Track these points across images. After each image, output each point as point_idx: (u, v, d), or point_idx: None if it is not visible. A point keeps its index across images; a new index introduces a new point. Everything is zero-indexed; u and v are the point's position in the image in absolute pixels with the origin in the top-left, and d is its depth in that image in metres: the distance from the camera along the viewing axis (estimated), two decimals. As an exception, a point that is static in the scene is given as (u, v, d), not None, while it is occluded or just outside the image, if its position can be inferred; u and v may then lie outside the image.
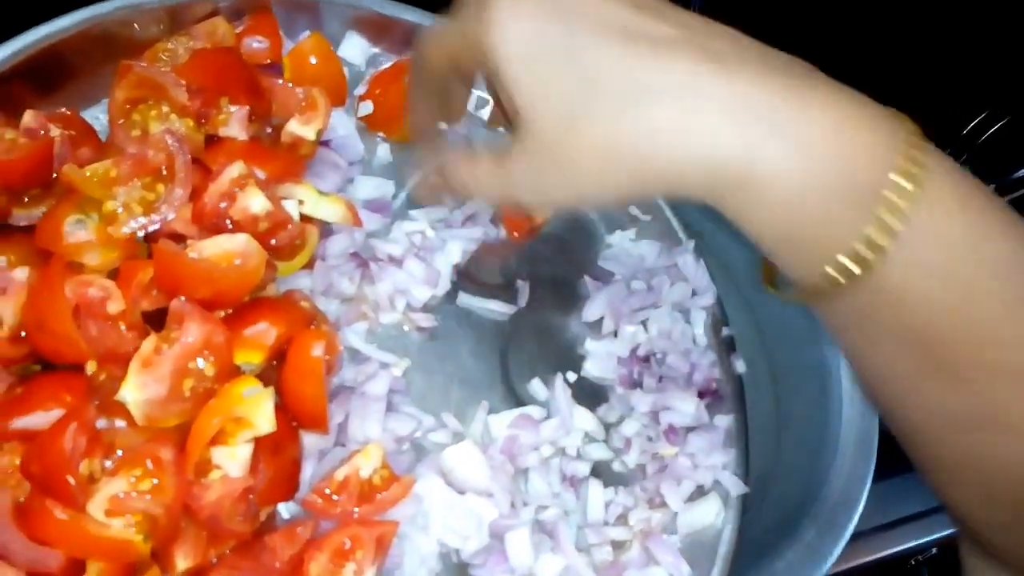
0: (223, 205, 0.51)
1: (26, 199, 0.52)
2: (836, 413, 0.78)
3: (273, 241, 0.52)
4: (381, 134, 0.65)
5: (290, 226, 0.53)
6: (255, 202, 0.51)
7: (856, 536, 0.73)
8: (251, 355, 0.50)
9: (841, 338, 0.41)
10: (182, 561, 0.45)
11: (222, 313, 0.50)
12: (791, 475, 0.79)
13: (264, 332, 0.50)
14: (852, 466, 0.75)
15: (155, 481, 0.45)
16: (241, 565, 0.47)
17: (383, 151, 0.64)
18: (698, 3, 1.08)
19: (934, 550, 0.93)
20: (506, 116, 0.43)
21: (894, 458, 0.73)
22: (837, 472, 0.75)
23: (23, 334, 0.47)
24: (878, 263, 0.36)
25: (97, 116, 0.58)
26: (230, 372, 0.48)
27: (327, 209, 0.56)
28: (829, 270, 0.37)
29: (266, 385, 0.48)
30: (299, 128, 0.57)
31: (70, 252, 0.48)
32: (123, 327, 0.47)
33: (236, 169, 0.51)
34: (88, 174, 0.49)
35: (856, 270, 0.36)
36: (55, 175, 0.52)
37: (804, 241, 0.37)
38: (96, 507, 0.43)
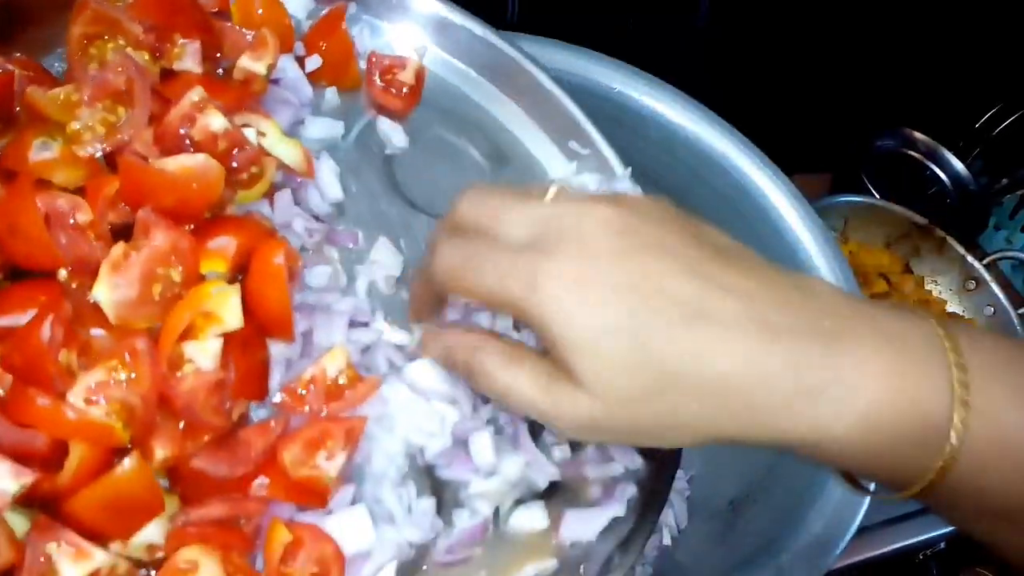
0: (183, 130, 0.54)
1: (-12, 132, 0.54)
2: None
3: (233, 164, 0.55)
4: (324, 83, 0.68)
5: (247, 147, 0.56)
6: (214, 120, 0.53)
7: (863, 530, 0.74)
8: (215, 264, 0.52)
9: (942, 516, 0.46)
10: (160, 451, 0.47)
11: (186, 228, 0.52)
12: (797, 466, 0.79)
13: (226, 244, 0.53)
14: None
15: (132, 374, 0.47)
16: (217, 455, 0.49)
17: (331, 95, 0.68)
18: (705, 5, 1.13)
19: (942, 544, 0.97)
20: None
21: None
22: None
23: (-4, 245, 0.49)
24: (946, 475, 0.41)
25: (52, 64, 0.60)
26: (196, 279, 0.51)
27: (285, 150, 0.59)
28: (902, 486, 0.42)
29: (232, 297, 0.51)
30: (251, 63, 0.60)
31: (37, 170, 0.50)
32: (92, 237, 0.50)
33: (196, 94, 0.54)
34: (52, 96, 0.51)
35: (921, 481, 0.41)
36: (16, 109, 0.54)
37: (876, 475, 0.43)
38: (76, 396, 0.45)
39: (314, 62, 0.67)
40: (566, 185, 0.48)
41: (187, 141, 0.53)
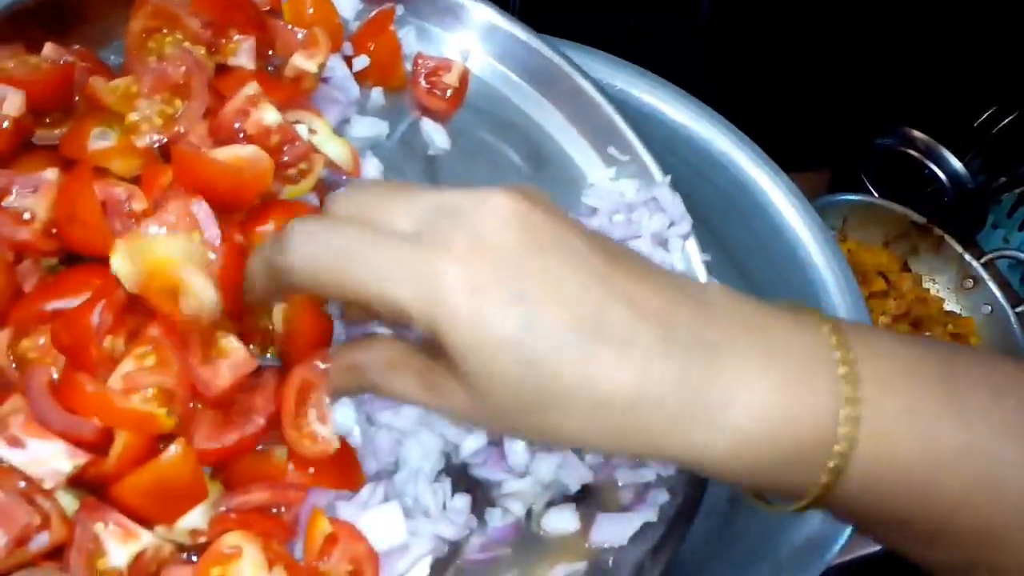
0: (237, 124, 0.55)
1: (47, 120, 0.55)
2: None
3: (284, 158, 0.56)
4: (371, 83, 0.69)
5: (298, 143, 0.57)
6: (268, 114, 0.55)
7: None
8: (264, 253, 0.53)
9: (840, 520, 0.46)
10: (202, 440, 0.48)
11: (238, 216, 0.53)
12: None
13: (274, 228, 0.54)
14: None
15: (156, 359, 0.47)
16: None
17: (377, 95, 0.68)
18: (706, 3, 1.13)
19: None
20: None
21: None
22: None
23: (54, 230, 0.50)
24: (834, 491, 0.40)
25: (108, 57, 0.61)
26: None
27: (334, 148, 0.60)
28: (798, 499, 0.42)
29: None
30: (303, 61, 0.61)
31: (95, 158, 0.51)
32: (146, 225, 0.51)
33: (251, 88, 0.55)
34: (112, 87, 0.52)
35: (810, 493, 0.41)
36: (76, 99, 0.55)
37: (765, 491, 0.44)
38: (115, 381, 0.46)
39: (362, 62, 0.68)
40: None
41: (241, 135, 0.54)
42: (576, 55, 0.73)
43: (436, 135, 0.69)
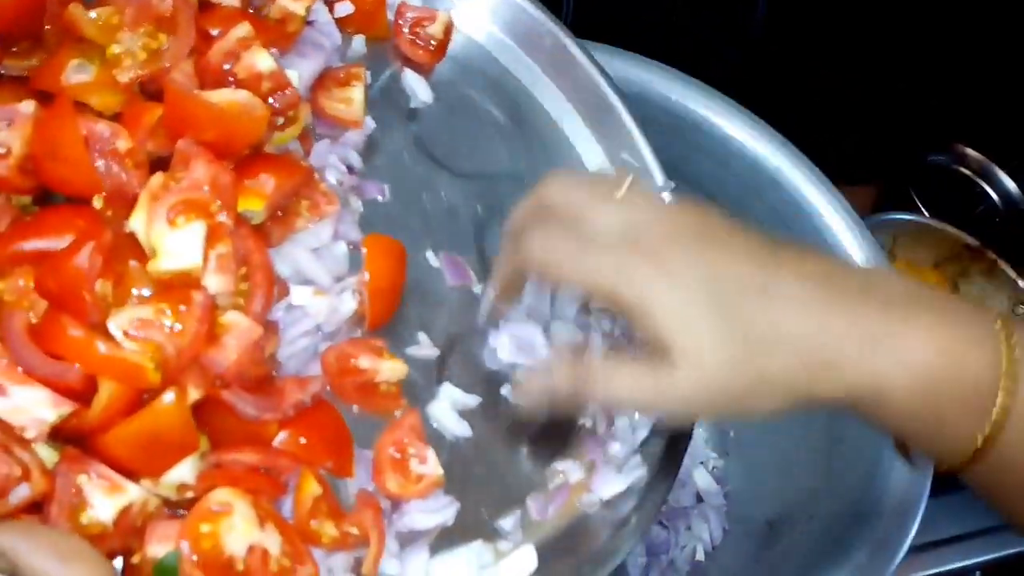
0: (227, 65, 0.53)
1: (15, 49, 0.51)
2: None
3: (273, 103, 0.54)
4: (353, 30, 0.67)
5: (288, 91, 0.54)
6: (261, 60, 0.52)
7: (910, 550, 0.73)
8: (252, 202, 0.51)
9: (982, 496, 0.49)
10: (194, 391, 0.46)
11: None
12: (841, 494, 0.80)
13: (265, 182, 0.51)
14: (907, 487, 0.75)
15: (178, 324, 0.45)
16: (248, 396, 0.48)
17: (359, 43, 0.66)
18: (761, 14, 1.11)
19: (977, 573, 0.95)
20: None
21: (941, 478, 0.70)
22: (891, 493, 0.75)
23: (29, 167, 0.47)
24: (993, 445, 0.44)
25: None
26: (236, 217, 0.50)
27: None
28: (951, 455, 0.46)
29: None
30: (290, 3, 0.58)
31: (73, 92, 0.48)
32: (130, 165, 0.48)
33: (243, 29, 0.53)
34: (91, 17, 0.49)
35: (966, 452, 0.45)
36: (47, 27, 0.52)
37: (928, 440, 0.47)
38: (117, 324, 0.43)
39: (345, 8, 0.65)
40: (635, 177, 0.52)
41: (230, 78, 0.52)
42: (630, 65, 0.72)
43: (418, 87, 0.67)
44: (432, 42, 0.68)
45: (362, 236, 0.59)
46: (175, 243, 0.45)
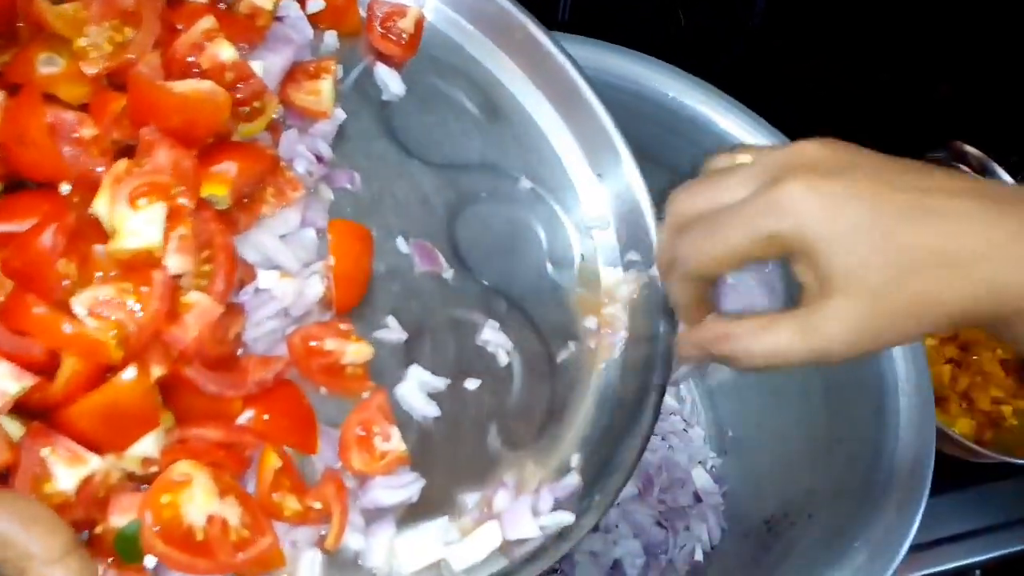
0: (192, 57, 0.54)
1: (-9, 46, 0.53)
2: (892, 431, 0.77)
3: (238, 95, 0.56)
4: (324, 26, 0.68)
5: (252, 80, 0.56)
6: (224, 51, 0.54)
7: (911, 548, 0.72)
8: (216, 187, 0.52)
9: None
10: (156, 368, 0.48)
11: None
12: (841, 494, 0.79)
13: (228, 168, 0.53)
14: (907, 488, 0.74)
15: (139, 305, 0.47)
16: (212, 373, 0.49)
17: (330, 38, 0.68)
18: (760, 7, 1.11)
19: (977, 572, 0.95)
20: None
21: (943, 477, 0.75)
22: (890, 494, 0.74)
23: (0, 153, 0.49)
24: None
25: (54, -13, 0.60)
26: (199, 202, 0.51)
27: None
28: None
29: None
30: (258, -2, 0.60)
31: (42, 83, 0.50)
32: (96, 153, 0.50)
33: (207, 22, 0.54)
34: (59, 11, 0.51)
35: None
36: (19, 24, 0.54)
37: None
38: (80, 302, 0.45)
39: (316, 4, 0.67)
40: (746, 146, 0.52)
41: (195, 69, 0.53)
42: (626, 62, 0.72)
43: (390, 81, 0.69)
44: (403, 36, 0.70)
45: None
46: (136, 223, 0.47)
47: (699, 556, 0.93)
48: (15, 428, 0.45)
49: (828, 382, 0.86)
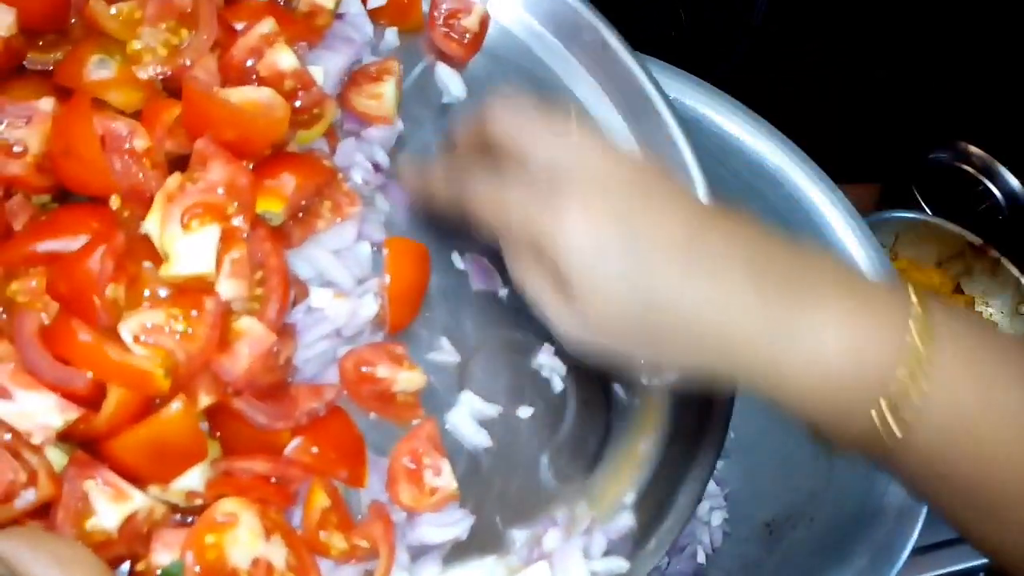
0: (250, 62, 0.51)
1: (40, 43, 0.51)
2: None
3: (297, 103, 0.53)
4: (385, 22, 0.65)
5: (313, 89, 0.53)
6: (283, 58, 0.51)
7: (914, 551, 0.72)
8: (272, 203, 0.50)
9: (913, 492, 0.49)
10: (205, 397, 0.45)
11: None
12: (842, 497, 0.79)
13: (285, 182, 0.50)
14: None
15: (190, 329, 0.45)
16: (260, 403, 0.47)
17: (391, 35, 0.64)
18: (761, 7, 1.08)
19: (981, 575, 0.93)
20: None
21: None
22: (892, 497, 0.74)
23: (47, 165, 0.46)
24: (897, 436, 0.42)
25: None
26: (254, 219, 0.49)
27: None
28: (855, 443, 0.44)
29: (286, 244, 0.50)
30: (318, -4, 0.57)
31: (93, 89, 0.48)
32: (148, 165, 0.47)
33: (266, 25, 0.51)
34: (114, 11, 0.48)
35: (876, 442, 0.43)
36: (72, 20, 0.51)
37: (829, 422, 0.45)
38: (128, 328, 0.43)
39: (377, 0, 0.63)
40: (582, 112, 0.53)
41: (253, 75, 0.51)
42: None
43: (451, 82, 0.65)
44: (467, 35, 0.66)
45: (387, 237, 0.58)
46: (188, 247, 0.44)
47: (701, 559, 0.92)
48: (58, 457, 0.43)
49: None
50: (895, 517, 0.73)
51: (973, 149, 1.20)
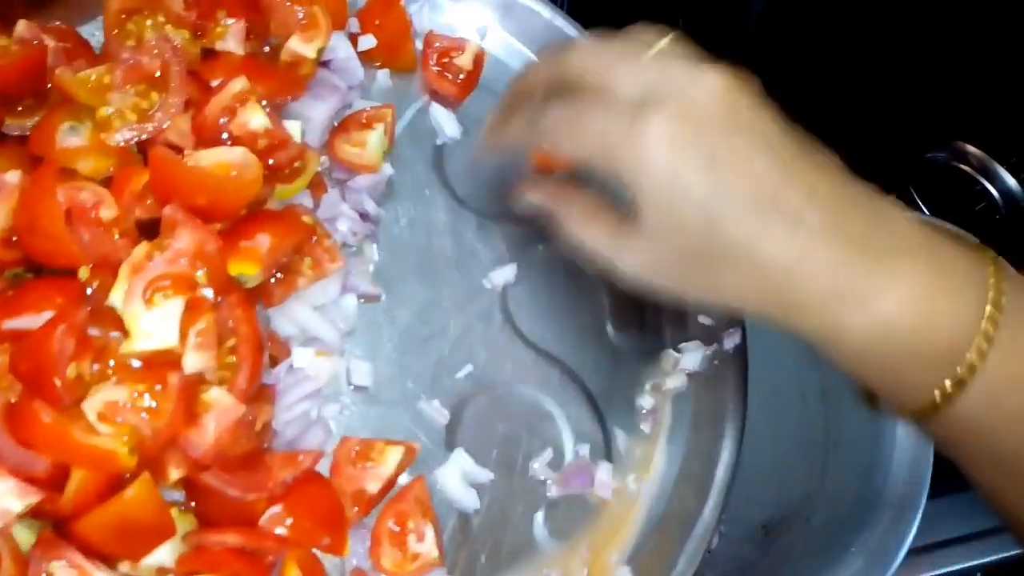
0: (223, 120, 0.50)
1: (19, 108, 0.51)
2: (890, 434, 0.76)
3: (271, 161, 0.52)
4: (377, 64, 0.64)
5: (289, 146, 0.52)
6: (254, 119, 0.50)
7: (910, 552, 0.71)
8: (246, 266, 0.49)
9: (950, 455, 0.46)
10: (175, 471, 0.45)
11: (219, 226, 0.49)
12: (838, 498, 0.77)
13: (260, 243, 0.49)
14: (904, 492, 0.73)
15: (154, 404, 0.44)
16: (233, 476, 0.46)
17: (383, 77, 0.63)
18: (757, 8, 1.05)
19: (978, 575, 0.91)
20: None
21: (941, 479, 0.72)
22: (887, 498, 0.73)
23: (14, 238, 0.46)
24: (955, 403, 0.41)
25: (93, 33, 0.57)
26: (225, 284, 0.48)
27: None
28: (911, 408, 0.43)
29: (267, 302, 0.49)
30: (300, 46, 0.56)
31: (63, 158, 0.47)
32: (116, 234, 0.47)
33: (238, 84, 0.50)
34: (82, 79, 0.48)
35: (933, 409, 0.42)
36: (49, 85, 0.51)
37: (887, 391, 0.44)
38: (91, 407, 0.42)
39: (368, 42, 0.62)
40: (677, 41, 0.48)
41: (226, 134, 0.50)
42: None
43: (446, 123, 0.64)
44: (461, 74, 0.64)
45: (375, 285, 0.57)
46: (150, 323, 0.44)
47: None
48: (27, 536, 0.43)
49: (825, 385, 0.83)
50: (891, 518, 0.71)
51: (970, 149, 1.17)
